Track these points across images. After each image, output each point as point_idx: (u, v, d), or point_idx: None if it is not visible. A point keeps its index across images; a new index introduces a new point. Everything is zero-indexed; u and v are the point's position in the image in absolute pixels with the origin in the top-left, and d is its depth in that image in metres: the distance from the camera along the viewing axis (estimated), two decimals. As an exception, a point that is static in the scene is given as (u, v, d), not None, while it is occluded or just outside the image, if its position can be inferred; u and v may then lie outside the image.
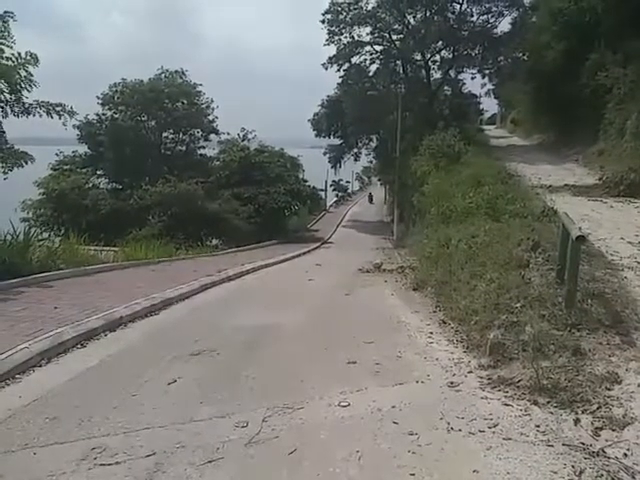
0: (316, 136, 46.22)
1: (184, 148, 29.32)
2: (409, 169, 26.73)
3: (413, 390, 4.08)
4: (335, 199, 63.11)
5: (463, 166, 17.15)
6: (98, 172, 27.30)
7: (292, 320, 6.61)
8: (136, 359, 5.00)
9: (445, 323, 6.16)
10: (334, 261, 17.26)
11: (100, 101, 26.56)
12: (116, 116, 26.90)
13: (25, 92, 10.47)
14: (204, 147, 30.18)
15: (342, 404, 3.77)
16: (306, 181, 34.50)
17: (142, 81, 27.12)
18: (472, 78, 37.74)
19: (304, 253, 22.29)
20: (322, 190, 49.60)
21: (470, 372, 4.41)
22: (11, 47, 9.64)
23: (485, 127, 46.89)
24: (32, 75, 10.11)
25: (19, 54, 9.91)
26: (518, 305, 5.38)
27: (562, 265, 5.56)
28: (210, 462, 3.00)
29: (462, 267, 7.40)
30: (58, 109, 10.93)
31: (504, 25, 33.75)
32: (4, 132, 10.38)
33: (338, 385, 4.16)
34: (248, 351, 5.25)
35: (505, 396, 3.85)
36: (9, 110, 10.20)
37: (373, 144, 45.24)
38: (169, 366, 4.74)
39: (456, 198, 11.37)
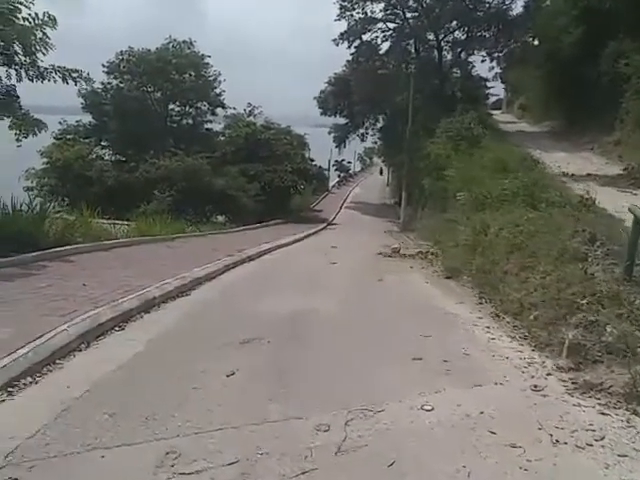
0: (322, 114, 45.38)
1: (190, 121, 28.58)
2: (421, 151, 26.30)
3: (495, 393, 3.76)
4: (337, 180, 62.48)
5: (483, 151, 16.75)
6: (102, 143, 26.58)
7: (332, 306, 6.29)
8: (183, 345, 4.65)
9: (498, 316, 5.84)
10: (347, 243, 16.89)
11: (106, 69, 25.69)
12: (122, 85, 26.10)
13: (40, 55, 9.92)
14: (211, 121, 29.49)
15: (425, 408, 3.44)
16: (312, 160, 33.98)
17: (149, 50, 26.28)
18: (482, 61, 37.08)
19: (312, 234, 21.95)
20: (325, 170, 49.02)
21: (549, 374, 4.10)
22: (29, 7, 9.04)
23: (490, 112, 46.23)
24: (49, 38, 9.53)
25: (36, 15, 9.32)
26: (584, 302, 5.06)
27: (631, 261, 5.24)
28: (303, 474, 2.67)
29: (507, 257, 7.07)
30: (74, 75, 10.36)
31: (517, 8, 33.01)
32: (18, 97, 9.83)
33: (411, 385, 3.84)
34: (297, 340, 4.92)
35: (599, 404, 3.55)
36: (24, 74, 9.63)
37: (379, 124, 44.50)
38: (221, 355, 4.40)
39: (485, 184, 11.01)
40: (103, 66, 25.38)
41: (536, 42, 33.76)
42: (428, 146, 22.22)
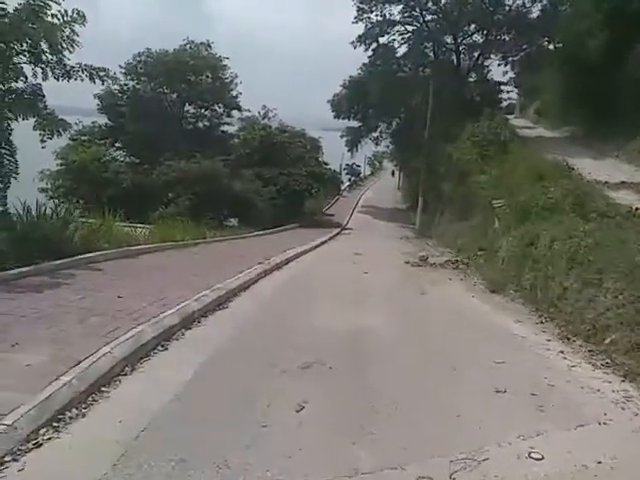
0: (335, 117, 44.98)
1: (207, 123, 28.24)
2: (439, 156, 25.84)
3: (603, 436, 3.31)
4: (348, 183, 62.03)
5: (512, 157, 16.30)
6: (116, 144, 26.29)
7: (385, 324, 5.85)
8: (237, 371, 4.22)
9: (568, 339, 5.38)
10: (369, 250, 16.36)
11: (123, 70, 25.43)
12: (138, 87, 25.82)
13: (67, 53, 9.57)
14: (228, 123, 29.12)
15: (533, 455, 2.99)
16: (326, 164, 33.56)
17: (167, 51, 25.96)
18: (498, 65, 36.69)
19: (330, 239, 21.47)
20: (338, 174, 48.54)
21: (655, 412, 3.64)
22: (59, 4, 8.68)
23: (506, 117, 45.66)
24: (77, 35, 9.17)
25: (65, 11, 8.95)
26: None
27: None
28: None
29: (566, 272, 6.60)
30: (102, 74, 9.99)
31: (535, 11, 32.52)
32: (44, 97, 9.46)
33: (507, 424, 3.39)
34: (361, 366, 4.47)
35: None
36: (50, 72, 9.27)
37: (393, 128, 44.00)
38: (283, 383, 3.96)
39: (524, 191, 10.52)
40: (120, 67, 25.09)
41: (552, 46, 33.31)
42: (449, 151, 21.74)
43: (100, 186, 21.82)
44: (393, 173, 62.37)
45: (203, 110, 28.76)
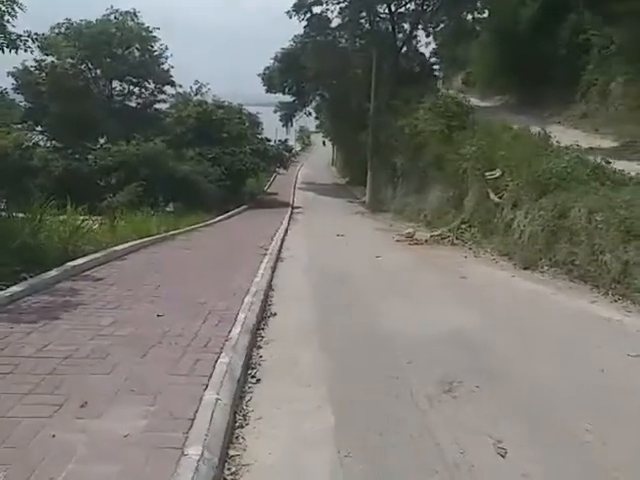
0: (267, 92, 43.38)
1: (140, 101, 25.84)
2: (388, 129, 25.42)
3: None
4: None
5: (481, 126, 16.19)
6: (37, 128, 23.42)
7: (478, 325, 5.12)
8: (370, 404, 3.37)
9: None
10: (343, 230, 15.58)
11: (39, 44, 22.31)
12: (57, 62, 22.92)
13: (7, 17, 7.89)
14: (164, 101, 26.84)
15: None
16: (269, 140, 32.23)
17: (90, 22, 23.16)
18: (426, 36, 37.02)
19: (291, 220, 20.53)
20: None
21: None
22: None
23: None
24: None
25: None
26: None
27: None
28: None
29: (624, 245, 6.29)
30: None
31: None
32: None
33: None
34: (507, 385, 3.73)
35: None
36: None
37: (327, 101, 43.12)
38: (440, 420, 3.17)
39: (524, 162, 10.20)
40: (35, 40, 21.98)
41: (470, 17, 34.10)
42: (404, 123, 21.34)
43: (25, 176, 19.31)
44: (324, 143, 62.00)
45: (132, 87, 26.24)
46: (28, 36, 8.11)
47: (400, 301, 5.99)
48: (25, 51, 8.08)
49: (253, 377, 3.71)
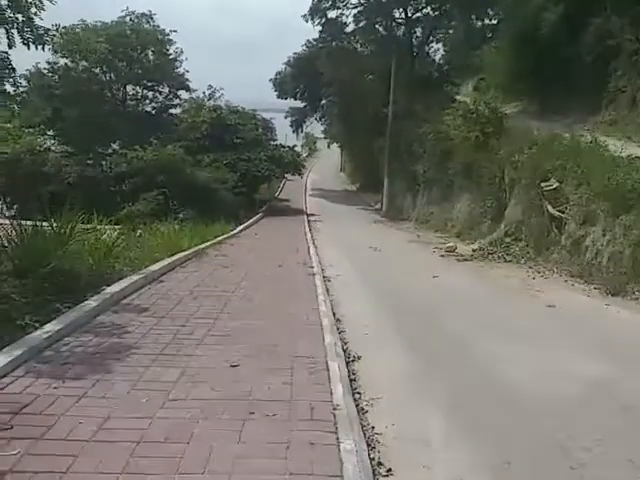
0: (278, 97, 42.72)
1: (156, 105, 25.05)
2: (408, 135, 24.58)
3: None
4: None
5: (519, 133, 15.43)
6: (49, 132, 22.65)
7: (600, 371, 4.26)
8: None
9: None
10: (372, 241, 14.62)
11: (53, 46, 21.56)
12: (71, 65, 22.17)
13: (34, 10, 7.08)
14: (179, 105, 26.03)
15: None
16: (284, 146, 31.39)
17: (106, 23, 22.39)
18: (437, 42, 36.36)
19: (311, 229, 19.66)
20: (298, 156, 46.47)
21: None
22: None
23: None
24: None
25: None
26: None
27: None
28: None
29: None
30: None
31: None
32: (14, 69, 6.90)
33: None
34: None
35: None
36: (17, 35, 6.75)
37: (338, 107, 42.31)
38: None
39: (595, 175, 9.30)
40: (63, 36, 21.21)
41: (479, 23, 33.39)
42: (431, 128, 20.55)
43: (38, 182, 18.52)
44: (329, 146, 61.62)
45: (146, 91, 25.45)
46: (56, 30, 7.25)
47: (500, 344, 5.07)
48: (52, 47, 7.24)
49: (380, 464, 2.82)
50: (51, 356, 3.77)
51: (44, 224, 6.54)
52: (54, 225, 6.21)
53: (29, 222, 6.45)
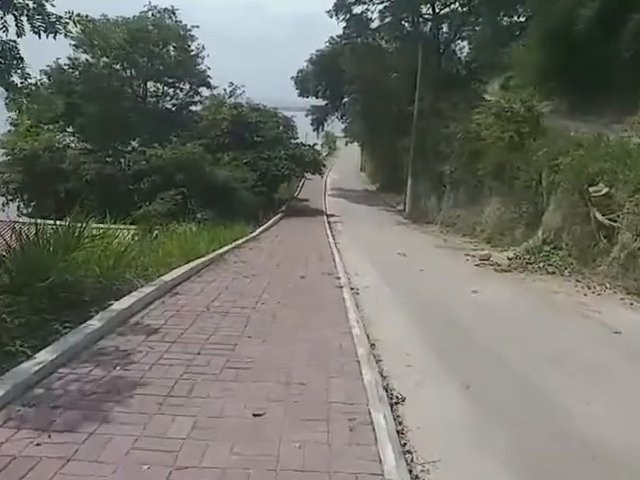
0: (300, 95, 42.08)
1: (177, 102, 24.61)
2: (434, 134, 23.72)
3: None
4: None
5: (558, 133, 14.54)
6: (68, 129, 22.36)
7: None
8: None
9: None
10: (399, 246, 13.88)
11: (73, 42, 21.25)
12: (92, 61, 21.81)
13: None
14: (200, 102, 25.56)
15: None
16: (305, 145, 30.74)
17: (127, 19, 21.98)
18: (462, 40, 35.20)
19: (332, 232, 18.98)
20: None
21: None
22: None
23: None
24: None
25: None
26: None
27: None
28: None
29: None
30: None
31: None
32: (22, 59, 6.35)
33: None
34: None
35: None
36: (26, 23, 6.18)
37: (360, 105, 41.43)
38: None
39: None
40: (77, 23, 20.85)
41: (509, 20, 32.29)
42: (460, 127, 19.68)
43: (55, 179, 18.22)
44: (347, 143, 60.80)
45: (167, 88, 25.02)
46: (69, 18, 6.66)
47: (573, 387, 4.30)
48: (65, 36, 6.64)
49: None
50: (40, 396, 3.15)
51: (58, 223, 6.04)
52: (60, 229, 5.63)
53: (45, 221, 5.95)
